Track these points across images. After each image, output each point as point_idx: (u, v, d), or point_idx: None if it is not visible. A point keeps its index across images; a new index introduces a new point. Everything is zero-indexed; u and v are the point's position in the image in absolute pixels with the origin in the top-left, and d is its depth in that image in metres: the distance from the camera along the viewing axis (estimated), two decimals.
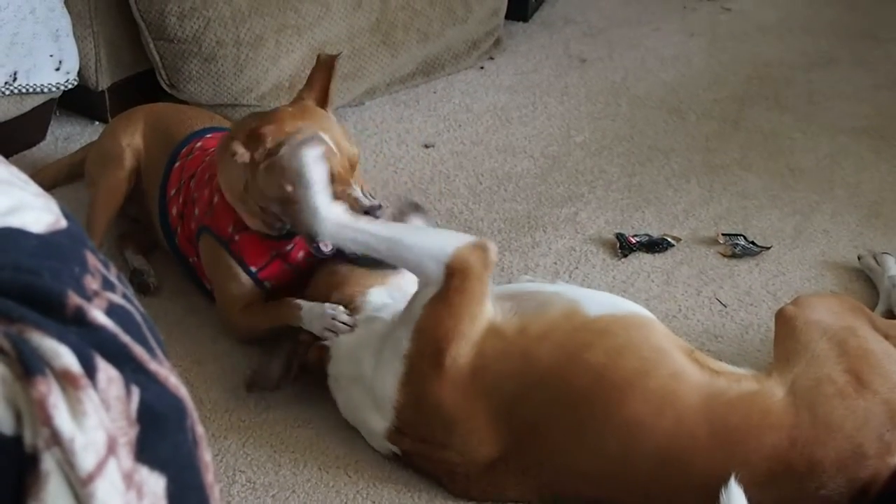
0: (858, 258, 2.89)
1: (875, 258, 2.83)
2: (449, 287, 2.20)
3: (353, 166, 2.46)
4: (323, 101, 2.53)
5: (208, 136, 2.82)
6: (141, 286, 2.79)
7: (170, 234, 2.74)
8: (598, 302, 2.29)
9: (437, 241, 2.24)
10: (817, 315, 2.24)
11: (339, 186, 2.39)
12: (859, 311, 2.34)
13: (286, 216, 2.43)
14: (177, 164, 2.76)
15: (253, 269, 2.57)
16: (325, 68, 2.53)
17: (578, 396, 2.13)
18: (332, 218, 2.25)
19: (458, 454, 2.20)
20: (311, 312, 2.43)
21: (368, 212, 2.37)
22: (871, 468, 2.03)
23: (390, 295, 2.45)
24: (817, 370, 2.12)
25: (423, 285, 2.25)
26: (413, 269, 2.27)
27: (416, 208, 2.62)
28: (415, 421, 2.23)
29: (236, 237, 2.57)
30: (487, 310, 2.22)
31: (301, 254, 2.58)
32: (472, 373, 2.17)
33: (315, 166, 2.30)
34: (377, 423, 2.28)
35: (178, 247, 2.72)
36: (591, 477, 2.15)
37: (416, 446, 2.25)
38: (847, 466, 2.03)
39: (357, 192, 2.41)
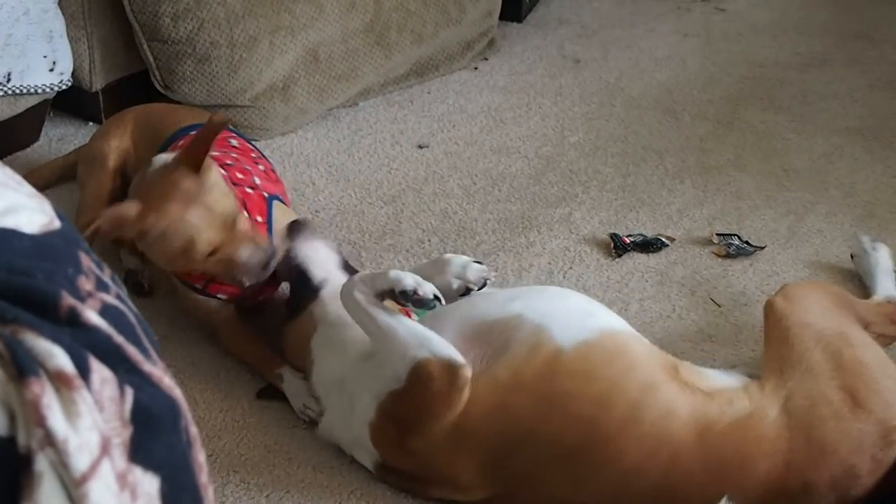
0: (852, 257, 2.89)
1: (870, 243, 2.81)
2: (409, 390, 2.12)
3: (232, 221, 2.43)
4: (197, 167, 2.41)
5: (194, 133, 2.80)
6: (135, 286, 2.79)
7: None
8: (567, 324, 2.16)
9: (415, 342, 2.11)
10: (809, 315, 2.22)
11: (221, 255, 2.42)
12: (845, 303, 2.33)
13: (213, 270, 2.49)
14: None
15: (198, 284, 2.59)
16: (211, 132, 2.40)
17: (571, 451, 2.08)
18: (347, 292, 2.21)
19: (451, 491, 2.20)
20: (291, 386, 2.45)
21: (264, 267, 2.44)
22: (862, 486, 2.04)
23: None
24: (812, 387, 2.10)
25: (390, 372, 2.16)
26: (384, 356, 2.17)
27: (302, 230, 2.51)
28: (399, 465, 2.21)
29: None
30: (455, 410, 2.10)
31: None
32: (450, 436, 2.11)
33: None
34: (364, 457, 2.25)
35: None
36: None
37: (406, 483, 2.25)
38: (840, 486, 2.03)
39: (241, 252, 2.42)
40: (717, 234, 3.01)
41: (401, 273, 2.18)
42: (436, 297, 2.16)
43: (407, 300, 2.16)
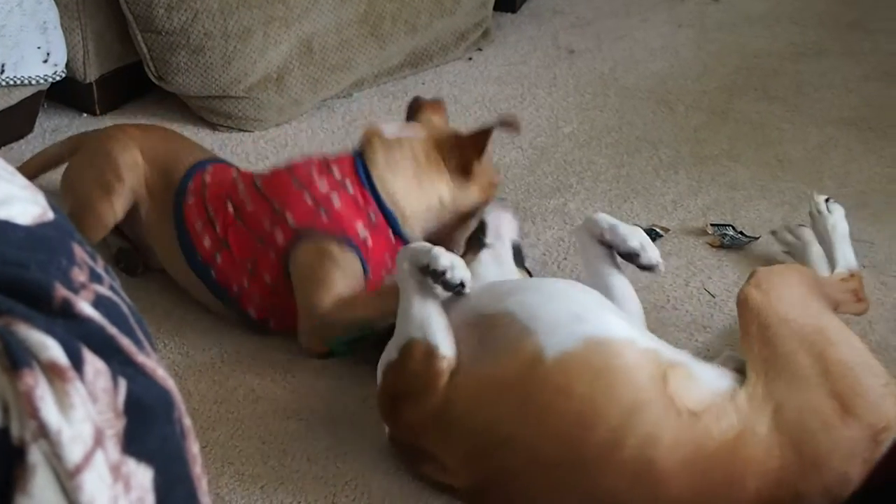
0: (772, 233, 2.89)
1: (792, 232, 2.81)
2: (398, 365, 2.19)
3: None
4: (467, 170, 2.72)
5: (208, 167, 2.77)
6: (129, 265, 2.78)
7: (202, 269, 2.65)
8: (553, 330, 2.12)
9: (418, 321, 2.19)
10: (785, 307, 2.17)
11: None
12: (815, 287, 2.30)
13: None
14: (190, 201, 2.68)
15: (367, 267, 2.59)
16: (485, 137, 2.69)
17: (548, 463, 2.06)
18: (400, 258, 2.29)
19: (439, 472, 2.20)
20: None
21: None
22: (854, 487, 2.02)
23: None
24: (800, 396, 2.06)
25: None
26: (397, 327, 2.25)
27: (502, 202, 2.77)
28: (396, 434, 2.27)
29: (369, 240, 2.60)
30: (433, 395, 2.14)
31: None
32: (437, 419, 2.14)
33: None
34: None
35: (217, 278, 2.64)
36: None
37: (406, 455, 2.28)
38: (832, 492, 2.02)
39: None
40: (712, 225, 3.01)
41: (443, 252, 2.22)
42: (461, 285, 2.21)
43: (436, 280, 2.21)
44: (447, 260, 2.21)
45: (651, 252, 2.40)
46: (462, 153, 2.68)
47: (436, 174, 2.66)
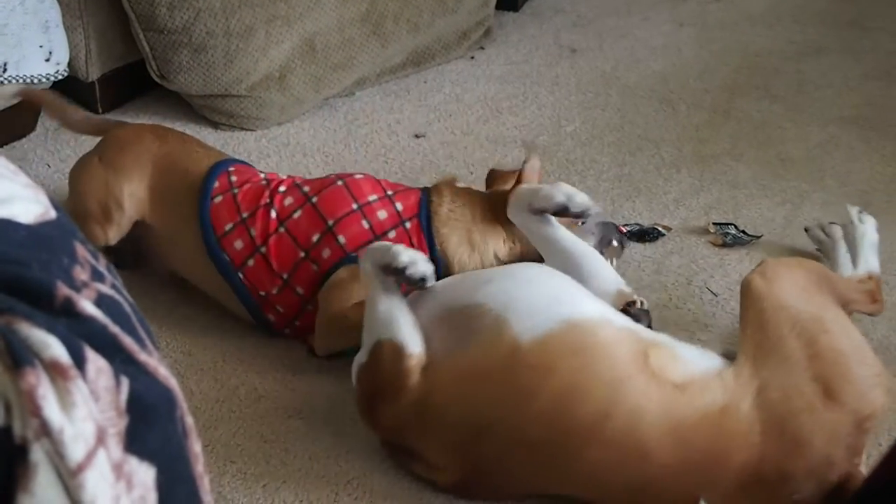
0: (806, 230, 2.88)
1: (824, 230, 2.82)
2: (369, 366, 2.20)
3: None
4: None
5: (231, 167, 2.72)
6: (126, 258, 2.78)
7: (229, 270, 2.60)
8: (528, 314, 2.12)
9: (384, 320, 2.19)
10: (786, 296, 2.18)
11: None
12: (825, 282, 2.30)
13: None
14: (217, 201, 2.63)
15: None
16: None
17: (534, 444, 2.07)
18: (363, 258, 2.28)
19: (426, 470, 2.22)
20: None
21: None
22: (839, 471, 2.04)
23: None
24: (786, 377, 2.08)
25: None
26: (365, 328, 2.25)
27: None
28: (380, 434, 2.29)
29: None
30: (405, 394, 2.14)
31: None
32: (416, 417, 2.15)
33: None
34: None
35: (243, 280, 2.59)
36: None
37: (396, 455, 2.29)
38: (817, 474, 2.04)
39: None
40: (714, 224, 3.02)
41: (403, 249, 2.22)
42: (422, 279, 2.21)
43: (398, 276, 2.21)
44: (407, 256, 2.21)
45: (579, 198, 2.40)
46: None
47: (490, 232, 2.63)
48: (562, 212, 2.42)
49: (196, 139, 2.96)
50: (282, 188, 2.65)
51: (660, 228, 2.99)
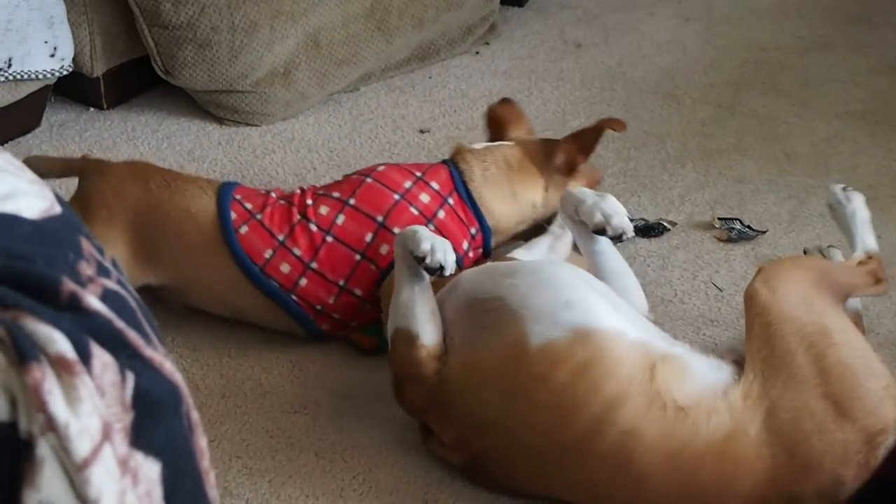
0: (804, 252, 2.79)
1: (821, 252, 2.73)
2: (391, 352, 2.26)
3: None
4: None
5: (236, 194, 2.61)
6: None
7: (282, 295, 2.54)
8: (540, 317, 2.10)
9: (404, 309, 2.21)
10: (790, 305, 2.15)
11: None
12: (826, 278, 2.27)
13: None
14: (244, 231, 2.54)
15: None
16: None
17: (533, 450, 2.08)
18: (396, 242, 2.29)
19: (441, 448, 2.26)
20: None
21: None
22: (849, 491, 2.01)
23: None
24: (795, 397, 2.04)
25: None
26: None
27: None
28: (406, 408, 2.32)
29: (470, 253, 2.61)
30: (420, 381, 2.18)
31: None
32: (432, 401, 2.19)
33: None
34: None
35: (297, 301, 2.54)
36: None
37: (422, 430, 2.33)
38: (826, 494, 2.01)
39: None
40: (719, 219, 3.01)
41: (425, 236, 2.20)
42: (441, 268, 2.19)
43: (419, 264, 2.21)
44: (427, 244, 2.19)
45: (617, 220, 2.35)
46: (569, 152, 2.70)
47: (529, 181, 2.66)
48: (600, 232, 2.38)
49: (175, 172, 2.75)
50: (309, 201, 2.59)
51: (665, 223, 2.99)
